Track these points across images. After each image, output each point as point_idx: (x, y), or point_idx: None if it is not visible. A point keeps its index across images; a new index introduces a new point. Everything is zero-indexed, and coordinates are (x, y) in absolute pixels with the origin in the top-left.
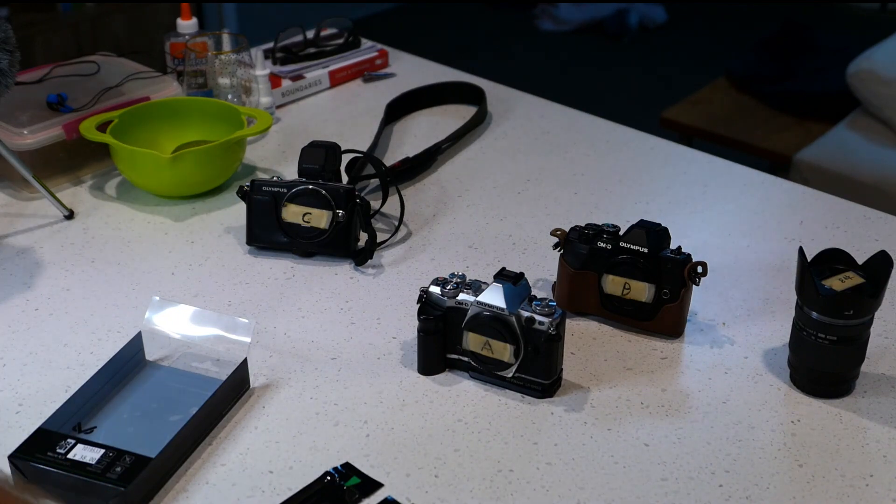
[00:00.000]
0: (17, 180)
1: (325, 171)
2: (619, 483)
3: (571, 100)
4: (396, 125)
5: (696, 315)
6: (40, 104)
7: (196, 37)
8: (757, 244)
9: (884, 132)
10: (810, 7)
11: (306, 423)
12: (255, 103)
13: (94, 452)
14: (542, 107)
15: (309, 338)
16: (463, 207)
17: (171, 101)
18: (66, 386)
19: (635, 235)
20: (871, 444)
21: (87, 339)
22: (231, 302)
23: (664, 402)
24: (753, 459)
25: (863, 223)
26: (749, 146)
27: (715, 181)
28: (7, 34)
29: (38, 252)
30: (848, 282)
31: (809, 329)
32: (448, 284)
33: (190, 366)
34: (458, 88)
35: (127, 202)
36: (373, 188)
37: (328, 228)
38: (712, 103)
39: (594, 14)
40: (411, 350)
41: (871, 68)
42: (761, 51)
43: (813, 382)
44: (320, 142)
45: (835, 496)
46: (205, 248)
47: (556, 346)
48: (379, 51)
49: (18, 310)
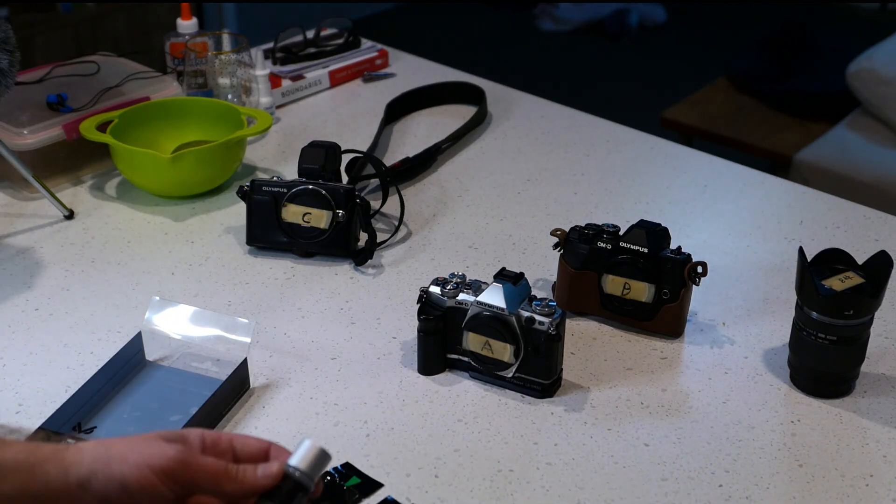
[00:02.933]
0: (17, 180)
1: (325, 171)
2: (619, 483)
3: (571, 100)
4: (396, 125)
5: (696, 315)
6: (40, 104)
7: (196, 37)
8: (757, 244)
9: (884, 132)
10: (810, 7)
11: (306, 423)
12: (255, 103)
13: None
14: (542, 107)
15: (309, 338)
16: (463, 207)
17: (171, 101)
18: (66, 386)
19: (635, 235)
20: (871, 444)
21: (87, 339)
22: (231, 302)
23: (664, 402)
24: (753, 459)
25: (863, 223)
26: (749, 146)
27: (715, 181)
28: (7, 34)
29: (38, 252)
30: (848, 282)
31: (809, 329)
32: (448, 284)
33: (190, 366)
34: (458, 88)
35: (127, 202)
36: (373, 188)
37: (328, 228)
38: (712, 103)
39: (594, 14)
40: (411, 350)
41: (871, 68)
42: (761, 51)
43: (813, 382)
44: (320, 142)
45: (835, 496)
46: (205, 248)
47: (556, 346)
48: (379, 51)
49: (18, 310)
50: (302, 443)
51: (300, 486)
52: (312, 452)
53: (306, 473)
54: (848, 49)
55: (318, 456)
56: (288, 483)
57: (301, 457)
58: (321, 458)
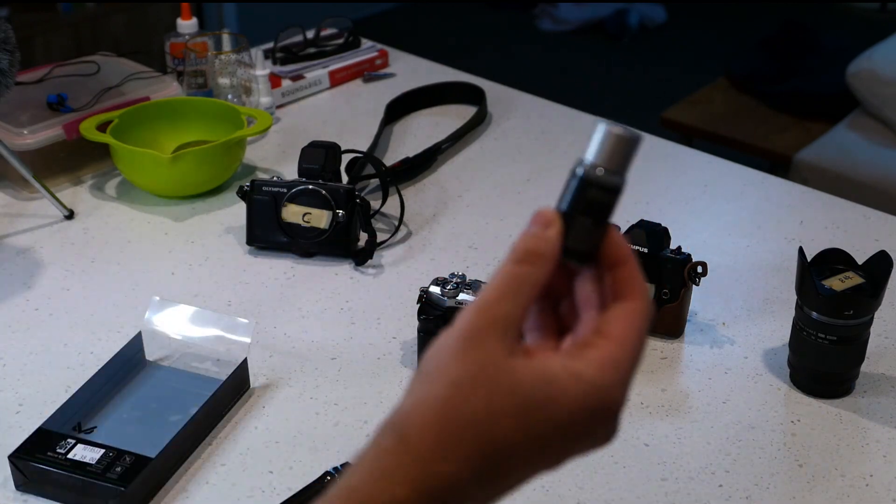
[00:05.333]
0: (17, 180)
1: (325, 171)
2: (619, 483)
3: (571, 100)
4: (396, 125)
5: (696, 315)
6: (40, 104)
7: (196, 37)
8: (757, 244)
9: (884, 132)
10: (810, 7)
11: (306, 423)
12: (255, 103)
13: (94, 452)
14: (542, 107)
15: (309, 338)
16: (463, 207)
17: (171, 101)
18: (66, 386)
19: (635, 235)
20: (871, 444)
21: (87, 339)
22: (231, 302)
23: (664, 402)
24: (753, 459)
25: (863, 223)
26: (749, 146)
27: (715, 181)
28: (7, 34)
29: (38, 252)
30: (848, 282)
31: (809, 329)
32: (448, 284)
33: (190, 366)
34: (458, 88)
35: (127, 202)
36: (373, 188)
37: (328, 228)
38: (712, 103)
39: (594, 14)
40: (411, 350)
41: (871, 68)
42: (761, 51)
43: (813, 382)
44: (320, 142)
45: (835, 496)
46: (205, 248)
47: None
48: (379, 51)
49: (18, 310)
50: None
51: (609, 190)
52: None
53: (611, 171)
54: (848, 49)
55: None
56: (590, 194)
57: (596, 150)
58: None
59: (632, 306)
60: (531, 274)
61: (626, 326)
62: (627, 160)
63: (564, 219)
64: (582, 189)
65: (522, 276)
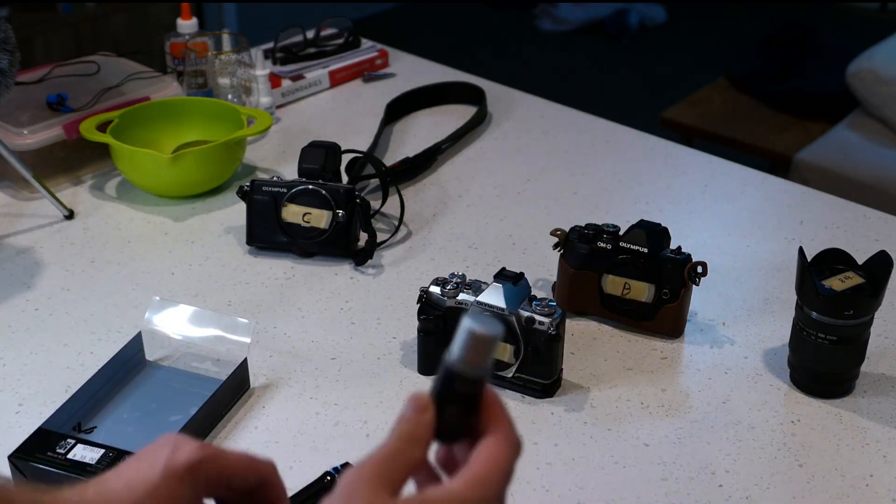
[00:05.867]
0: (17, 180)
1: (325, 171)
2: (619, 483)
3: (571, 100)
4: (396, 125)
5: (696, 315)
6: (40, 104)
7: (196, 37)
8: (757, 244)
9: (884, 132)
10: (810, 7)
11: (306, 423)
12: (255, 103)
13: (94, 452)
14: (542, 107)
15: (309, 338)
16: (463, 207)
17: (171, 101)
18: (66, 386)
19: (635, 235)
20: (871, 444)
21: (87, 339)
22: (231, 302)
23: (664, 402)
24: (753, 459)
25: (863, 223)
26: (749, 146)
27: (715, 181)
28: (7, 34)
29: (38, 252)
30: (848, 282)
31: (809, 329)
32: (448, 284)
33: (190, 366)
34: (458, 88)
35: (127, 202)
36: (373, 188)
37: (328, 228)
38: (712, 103)
39: (594, 14)
40: (411, 350)
41: (871, 68)
42: (761, 51)
43: (813, 382)
44: (320, 142)
45: (835, 496)
46: (205, 248)
47: (556, 346)
48: (379, 51)
49: (18, 310)
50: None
51: (473, 382)
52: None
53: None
54: (848, 49)
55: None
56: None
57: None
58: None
59: (496, 436)
60: (406, 452)
61: (494, 452)
62: (488, 354)
63: (436, 404)
64: (449, 381)
65: (400, 451)
